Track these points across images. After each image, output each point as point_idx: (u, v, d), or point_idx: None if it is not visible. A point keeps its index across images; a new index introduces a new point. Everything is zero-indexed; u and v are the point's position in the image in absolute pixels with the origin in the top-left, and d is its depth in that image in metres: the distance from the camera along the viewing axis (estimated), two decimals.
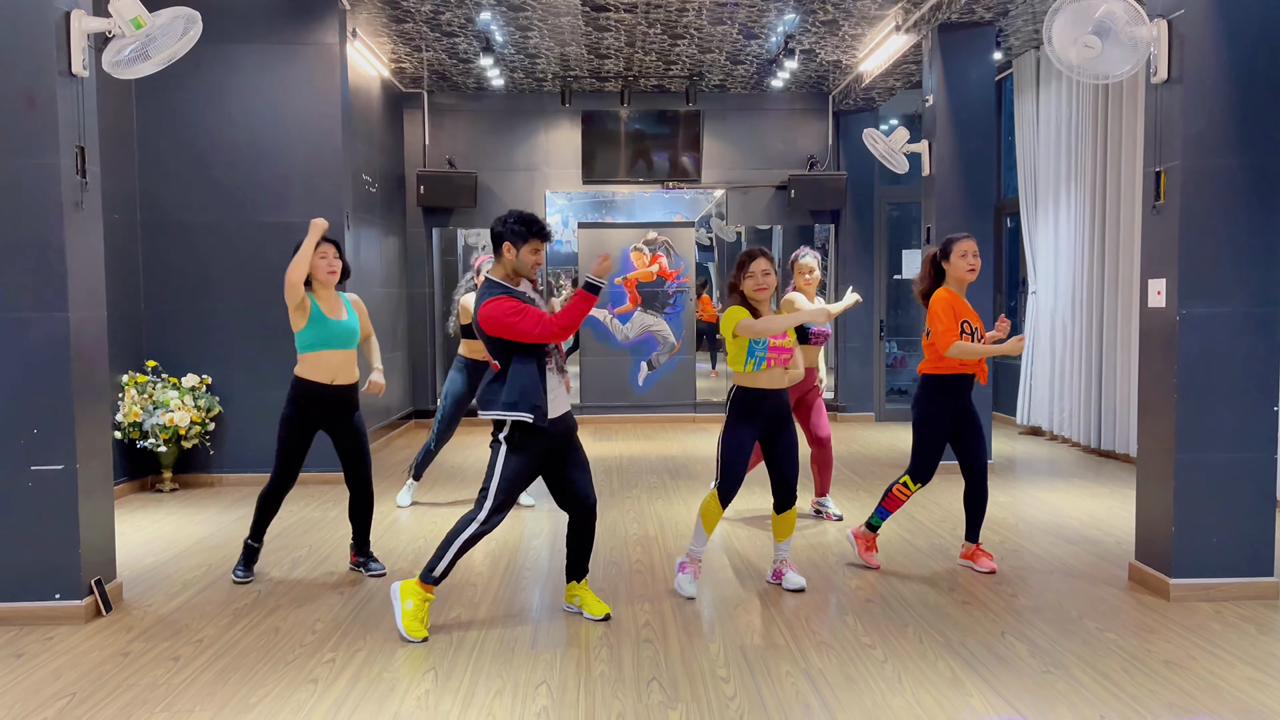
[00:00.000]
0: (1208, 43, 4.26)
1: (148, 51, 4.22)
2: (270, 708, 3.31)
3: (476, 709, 3.29)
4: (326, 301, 4.66)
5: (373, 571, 4.86)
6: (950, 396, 4.73)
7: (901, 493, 4.85)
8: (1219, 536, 4.37)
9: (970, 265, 4.68)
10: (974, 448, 4.79)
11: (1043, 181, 9.23)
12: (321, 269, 4.60)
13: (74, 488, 4.15)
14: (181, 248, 7.16)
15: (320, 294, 4.65)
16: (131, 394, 6.71)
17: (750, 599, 4.47)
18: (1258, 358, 4.35)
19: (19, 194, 4.09)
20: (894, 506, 4.89)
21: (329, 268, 4.61)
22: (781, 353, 4.32)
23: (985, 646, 3.82)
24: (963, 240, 4.73)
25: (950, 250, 4.72)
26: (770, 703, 3.32)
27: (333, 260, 4.62)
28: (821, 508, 6.05)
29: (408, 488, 6.53)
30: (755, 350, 4.28)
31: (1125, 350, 7.81)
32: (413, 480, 6.51)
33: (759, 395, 4.35)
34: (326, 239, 4.63)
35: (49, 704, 3.34)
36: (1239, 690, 3.40)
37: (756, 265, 4.30)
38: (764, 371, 4.32)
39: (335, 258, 4.63)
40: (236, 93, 7.15)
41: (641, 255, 10.75)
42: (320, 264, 4.59)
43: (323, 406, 4.66)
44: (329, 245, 4.63)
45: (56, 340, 4.13)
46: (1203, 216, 4.31)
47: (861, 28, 8.33)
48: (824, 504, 6.05)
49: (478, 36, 8.56)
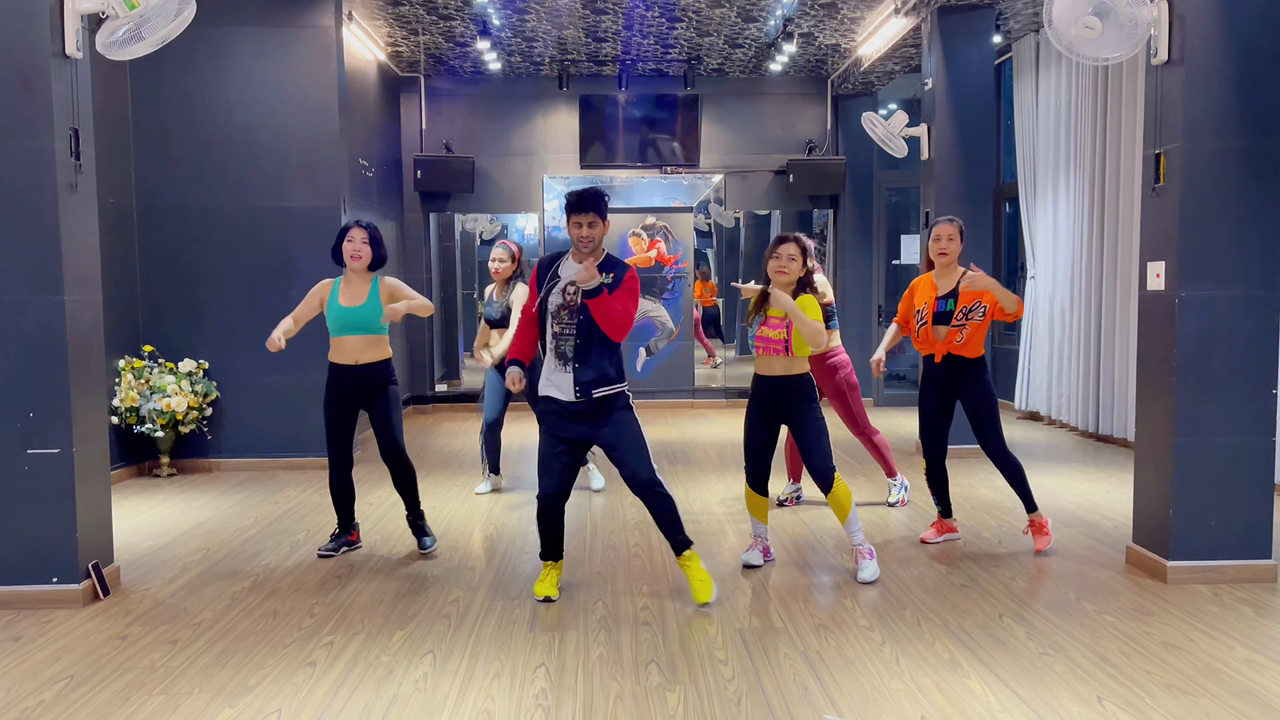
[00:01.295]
0: (1208, 24, 4.23)
1: (141, 32, 4.19)
2: (268, 690, 3.31)
3: (475, 691, 3.29)
4: (352, 286, 4.77)
5: (425, 548, 4.94)
6: (926, 377, 5.01)
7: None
8: (1217, 519, 4.37)
9: (941, 249, 4.86)
10: (976, 428, 4.90)
11: (1042, 166, 9.21)
12: (347, 253, 4.74)
13: (70, 471, 4.14)
14: (178, 232, 7.13)
15: (348, 278, 4.80)
16: (128, 379, 6.69)
17: (748, 582, 4.47)
18: (1257, 341, 4.34)
19: (13, 176, 4.06)
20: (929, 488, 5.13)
21: (354, 253, 4.73)
22: (769, 343, 4.39)
23: (983, 629, 3.83)
24: (939, 224, 4.91)
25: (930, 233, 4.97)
26: (768, 685, 3.32)
27: (359, 245, 4.73)
28: (899, 489, 5.96)
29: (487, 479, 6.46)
30: (750, 337, 4.48)
31: (1124, 335, 7.81)
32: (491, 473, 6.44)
33: (758, 380, 4.51)
34: (359, 224, 4.78)
35: (47, 686, 3.34)
36: (1237, 672, 3.41)
37: (783, 249, 4.39)
38: (759, 358, 4.48)
39: (362, 243, 4.74)
40: (232, 76, 7.11)
41: (639, 241, 10.73)
42: (346, 248, 4.74)
43: (350, 385, 4.77)
44: (359, 230, 4.76)
45: (52, 324, 4.11)
46: (1202, 199, 4.29)
47: (860, 11, 8.29)
48: (893, 485, 5.97)
49: (475, 20, 8.52)
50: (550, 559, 4.30)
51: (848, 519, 4.47)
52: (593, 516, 5.72)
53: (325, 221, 7.11)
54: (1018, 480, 4.89)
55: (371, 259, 4.77)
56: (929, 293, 4.90)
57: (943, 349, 4.85)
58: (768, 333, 4.38)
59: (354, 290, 4.75)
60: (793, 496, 6.00)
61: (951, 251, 4.83)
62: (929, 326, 4.87)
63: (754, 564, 4.67)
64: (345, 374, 4.76)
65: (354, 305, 4.72)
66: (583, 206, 4.03)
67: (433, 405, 10.78)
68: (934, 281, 4.92)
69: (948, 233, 4.85)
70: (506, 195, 10.73)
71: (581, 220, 4.04)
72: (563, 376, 4.11)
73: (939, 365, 4.89)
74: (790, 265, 4.37)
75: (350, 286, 4.76)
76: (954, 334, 4.80)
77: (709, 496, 6.24)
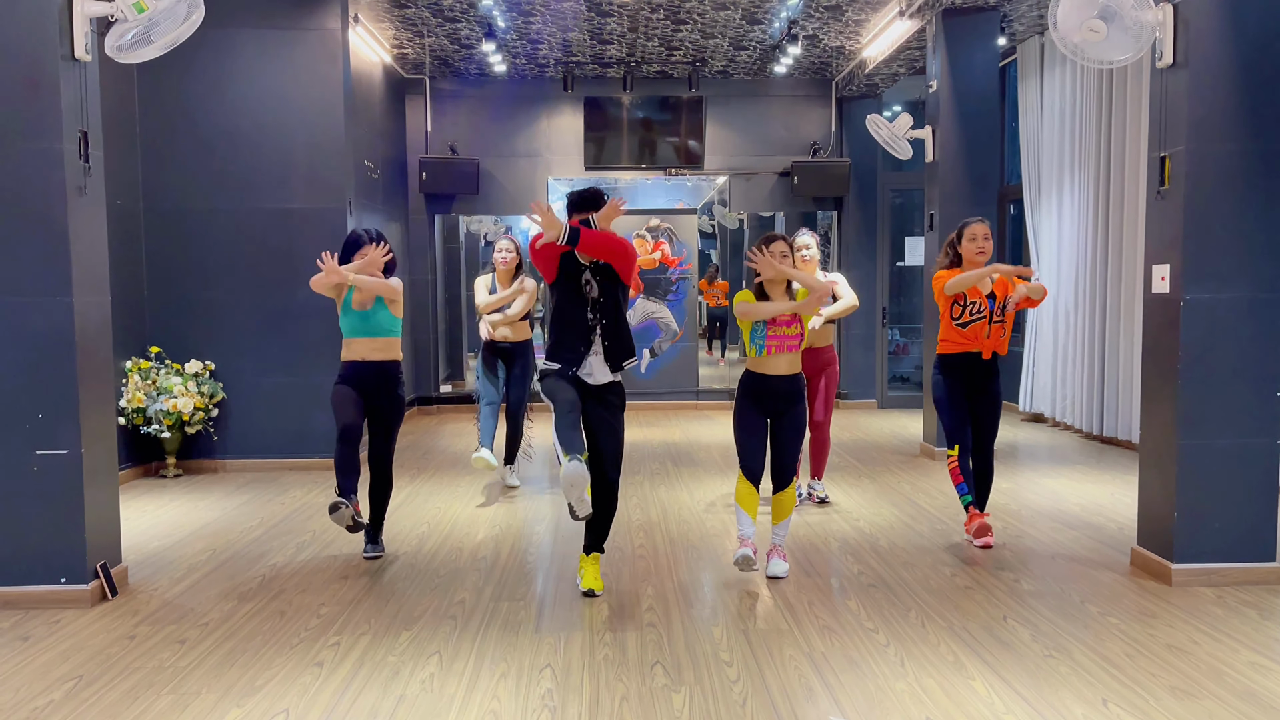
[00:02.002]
0: (1213, 27, 4.24)
1: (150, 35, 4.21)
2: (276, 690, 3.32)
3: (481, 692, 3.30)
4: (363, 291, 4.86)
5: (368, 553, 4.94)
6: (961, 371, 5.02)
7: (950, 463, 5.08)
8: (1221, 522, 4.38)
9: (979, 249, 4.92)
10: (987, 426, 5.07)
11: (1046, 167, 9.21)
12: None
13: (79, 472, 4.16)
14: (184, 234, 7.16)
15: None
16: (135, 380, 6.72)
17: (753, 583, 4.48)
18: (1261, 343, 4.35)
19: (22, 179, 4.09)
20: (955, 479, 5.05)
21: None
22: (785, 340, 4.40)
23: (988, 630, 3.84)
24: (973, 224, 4.99)
25: (962, 234, 5.00)
26: (774, 686, 3.34)
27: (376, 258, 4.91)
28: (817, 488, 6.06)
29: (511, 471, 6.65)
30: (756, 337, 4.42)
31: (1128, 337, 7.81)
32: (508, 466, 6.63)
33: (760, 380, 4.46)
34: (370, 237, 4.96)
35: (56, 686, 3.36)
36: (1241, 674, 3.41)
37: (775, 248, 4.42)
38: (766, 358, 4.42)
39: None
40: (239, 78, 7.14)
41: (644, 242, 10.74)
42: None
43: (362, 379, 4.90)
44: (372, 245, 4.92)
45: (60, 325, 4.13)
46: (1207, 202, 4.30)
47: (865, 13, 8.30)
48: (814, 484, 6.06)
49: (480, 22, 8.54)
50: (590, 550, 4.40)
51: (785, 520, 4.60)
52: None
53: (331, 223, 7.13)
54: (990, 481, 5.12)
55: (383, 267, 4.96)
56: (973, 292, 4.92)
57: (990, 347, 4.96)
58: (783, 330, 4.40)
59: (365, 294, 4.86)
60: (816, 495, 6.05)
61: (989, 250, 4.93)
62: (985, 323, 4.93)
63: (752, 559, 4.45)
64: (358, 368, 4.89)
65: (365, 310, 4.88)
66: (585, 204, 4.24)
67: (437, 406, 10.80)
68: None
69: (984, 232, 4.94)
70: (511, 197, 10.75)
71: (582, 216, 4.22)
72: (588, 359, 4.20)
73: (985, 362, 4.98)
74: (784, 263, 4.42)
75: (362, 292, 4.85)
76: (999, 330, 4.96)
77: (713, 498, 6.25)
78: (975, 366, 4.99)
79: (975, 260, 4.90)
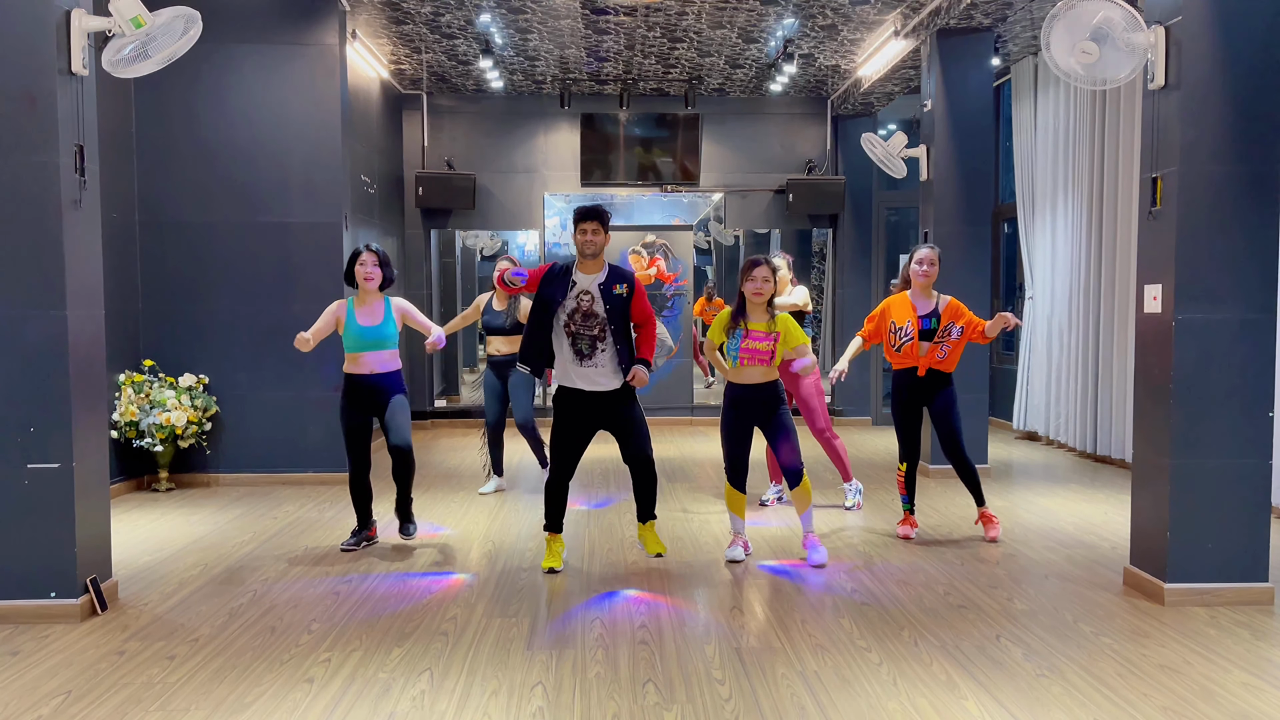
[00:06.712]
0: (1205, 49, 4.27)
1: (147, 51, 4.23)
2: (266, 707, 3.30)
3: (472, 710, 3.29)
4: (366, 305, 5.24)
5: (407, 534, 5.50)
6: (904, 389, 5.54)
7: (898, 474, 5.68)
8: (1214, 542, 4.38)
9: (924, 272, 5.41)
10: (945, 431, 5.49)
11: (1040, 187, 9.25)
12: (360, 275, 5.21)
13: (70, 486, 4.14)
14: (180, 247, 7.16)
15: (362, 298, 5.25)
16: (128, 393, 6.71)
17: (746, 601, 4.47)
18: (1253, 364, 4.36)
19: (18, 192, 4.09)
20: (900, 489, 5.66)
21: (366, 275, 5.20)
22: (756, 354, 4.87)
23: (980, 650, 3.83)
24: (921, 250, 5.51)
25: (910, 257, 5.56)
26: (766, 705, 3.32)
27: (371, 269, 5.20)
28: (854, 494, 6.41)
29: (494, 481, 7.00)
30: (730, 349, 4.91)
31: (1121, 356, 7.83)
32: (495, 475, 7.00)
33: (738, 389, 4.96)
34: (369, 249, 5.24)
35: (44, 702, 3.34)
36: (1234, 695, 3.41)
37: (758, 271, 4.86)
38: (741, 368, 4.92)
39: (374, 266, 5.21)
40: (236, 93, 7.16)
41: (639, 258, 10.76)
42: (360, 270, 5.21)
43: (366, 393, 5.24)
44: (370, 254, 5.23)
45: (54, 338, 4.13)
46: (1199, 222, 4.32)
47: (860, 33, 8.35)
48: (849, 490, 6.41)
49: (477, 39, 8.58)
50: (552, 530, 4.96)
51: (806, 511, 5.00)
52: (591, 534, 5.72)
53: (327, 237, 7.15)
54: (975, 478, 5.55)
55: (382, 279, 5.24)
56: (908, 312, 5.45)
57: (925, 363, 5.42)
58: (754, 344, 4.86)
59: (370, 310, 5.22)
60: (775, 498, 6.46)
61: (933, 275, 5.41)
62: (914, 342, 5.41)
63: (737, 559, 5.06)
64: (362, 382, 5.22)
65: (373, 324, 5.20)
66: (586, 216, 4.77)
67: (431, 420, 10.78)
68: (911, 302, 5.46)
69: (930, 258, 5.43)
70: (508, 212, 10.78)
71: (586, 227, 4.76)
72: (590, 369, 4.75)
73: (921, 378, 5.47)
74: (765, 286, 4.84)
75: (365, 306, 5.22)
76: (935, 350, 5.40)
77: (708, 513, 6.24)
78: (915, 381, 5.48)
79: (917, 281, 5.42)
